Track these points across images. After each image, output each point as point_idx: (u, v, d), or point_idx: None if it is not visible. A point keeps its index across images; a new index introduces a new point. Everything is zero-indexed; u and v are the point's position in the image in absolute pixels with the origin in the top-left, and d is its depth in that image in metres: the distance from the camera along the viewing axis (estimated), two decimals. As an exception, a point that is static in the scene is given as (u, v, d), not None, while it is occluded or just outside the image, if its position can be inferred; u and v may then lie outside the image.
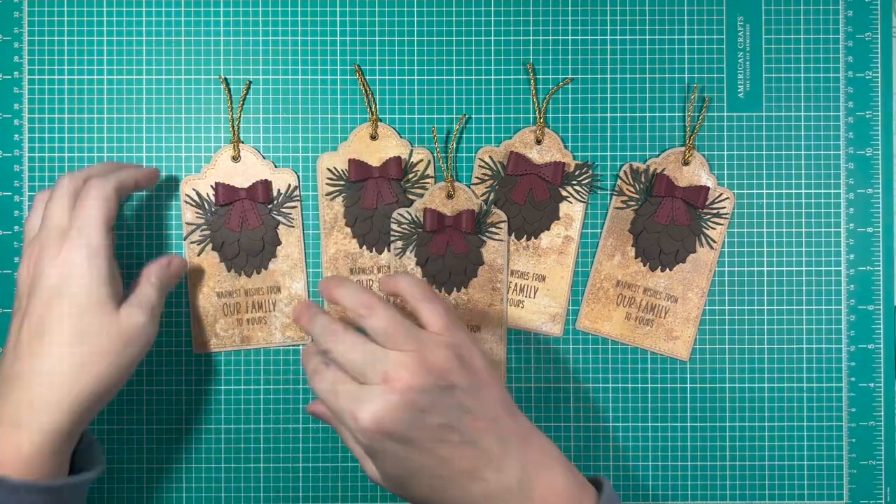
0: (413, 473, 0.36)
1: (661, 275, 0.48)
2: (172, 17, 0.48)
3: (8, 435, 0.37)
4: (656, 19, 0.48)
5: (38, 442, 0.37)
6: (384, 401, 0.34)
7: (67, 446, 0.38)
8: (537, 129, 0.48)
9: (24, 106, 0.48)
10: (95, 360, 0.38)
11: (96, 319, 0.38)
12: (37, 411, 0.37)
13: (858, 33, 0.48)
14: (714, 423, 0.48)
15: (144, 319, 0.40)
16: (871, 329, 0.48)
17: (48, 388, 0.37)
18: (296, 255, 0.47)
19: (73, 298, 0.38)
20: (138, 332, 0.40)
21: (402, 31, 0.48)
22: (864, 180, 0.48)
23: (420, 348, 0.36)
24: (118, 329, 0.39)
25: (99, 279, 0.39)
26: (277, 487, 0.48)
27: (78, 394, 0.38)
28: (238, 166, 0.47)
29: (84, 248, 0.39)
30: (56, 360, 0.38)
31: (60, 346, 0.38)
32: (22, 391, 0.37)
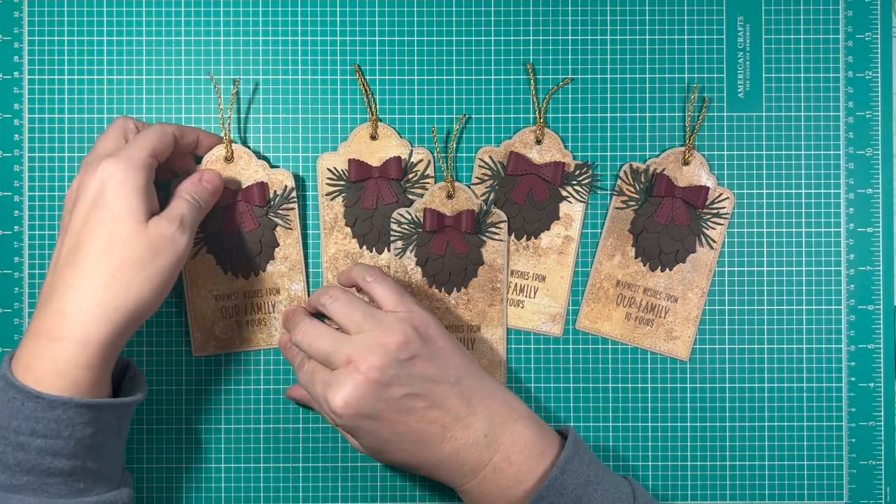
0: (388, 442, 0.39)
1: (661, 275, 0.48)
2: (172, 17, 0.48)
3: (44, 347, 0.37)
4: (656, 19, 0.48)
5: (73, 353, 0.36)
6: (352, 382, 0.38)
7: (103, 361, 0.38)
8: (537, 129, 0.48)
9: (24, 106, 0.48)
10: (126, 269, 0.38)
11: (126, 227, 0.38)
12: (70, 321, 0.37)
13: (858, 33, 0.48)
14: (714, 423, 0.48)
15: (173, 230, 0.39)
16: (871, 329, 0.48)
17: (81, 297, 0.37)
18: (294, 257, 0.47)
19: (105, 209, 0.38)
20: (167, 242, 0.39)
21: (402, 31, 0.48)
22: (864, 180, 0.48)
23: (377, 326, 0.39)
24: (147, 238, 0.38)
25: (132, 190, 0.38)
26: (277, 487, 0.48)
27: (109, 303, 0.37)
28: (231, 167, 0.46)
29: (123, 161, 0.39)
30: (88, 269, 0.37)
31: (92, 257, 0.38)
32: (57, 302, 0.37)
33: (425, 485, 0.48)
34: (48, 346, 0.37)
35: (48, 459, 0.36)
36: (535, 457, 0.40)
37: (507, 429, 0.40)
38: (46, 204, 0.48)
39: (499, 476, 0.39)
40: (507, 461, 0.39)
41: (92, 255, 0.38)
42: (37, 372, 0.36)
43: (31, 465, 0.36)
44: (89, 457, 0.37)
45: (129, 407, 0.40)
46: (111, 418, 0.38)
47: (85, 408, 0.36)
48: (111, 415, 0.38)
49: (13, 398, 0.36)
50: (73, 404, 0.36)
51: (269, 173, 0.47)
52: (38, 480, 0.36)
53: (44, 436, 0.36)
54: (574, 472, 0.39)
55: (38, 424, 0.36)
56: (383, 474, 0.48)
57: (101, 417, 0.37)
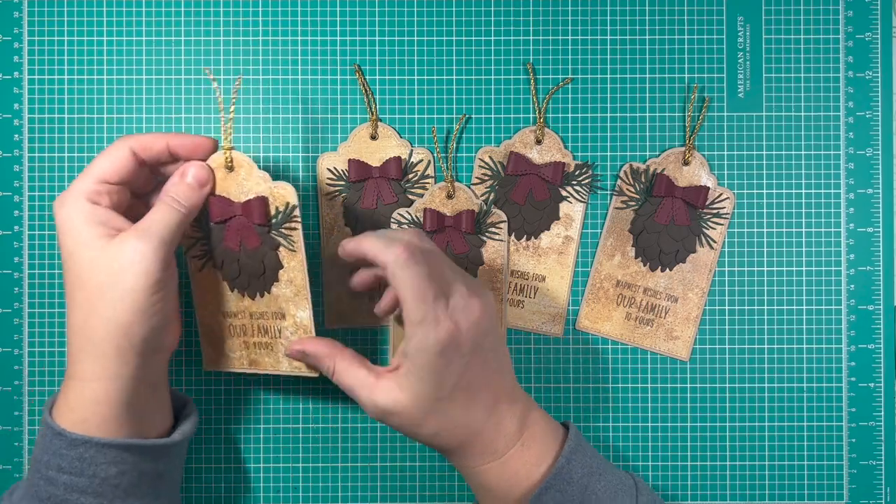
0: (452, 388, 0.38)
1: (661, 275, 0.48)
2: (172, 17, 0.48)
3: (64, 385, 0.37)
4: (656, 19, 0.48)
5: (79, 389, 0.37)
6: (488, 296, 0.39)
7: (137, 397, 0.37)
8: (537, 129, 0.48)
9: (23, 106, 0.48)
10: (94, 300, 0.36)
11: (80, 258, 0.36)
12: (71, 360, 0.37)
13: (858, 33, 0.48)
14: (714, 423, 0.48)
15: (137, 245, 0.36)
16: (872, 329, 0.48)
17: (72, 335, 0.37)
18: (299, 281, 0.43)
19: (63, 247, 0.37)
20: (130, 259, 0.36)
21: (402, 31, 0.48)
22: (864, 180, 0.48)
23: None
24: (106, 261, 0.36)
25: (76, 220, 0.37)
26: (278, 488, 0.48)
27: (93, 338, 0.36)
28: (231, 177, 0.42)
29: (66, 194, 0.38)
30: (70, 308, 0.37)
31: (70, 296, 0.37)
32: (70, 345, 0.37)
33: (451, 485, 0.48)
34: (66, 385, 0.38)
35: (74, 496, 0.36)
36: (550, 442, 0.40)
37: (532, 410, 0.41)
38: (46, 204, 0.48)
39: (525, 454, 0.39)
40: (532, 439, 0.40)
41: (70, 295, 0.37)
42: (61, 409, 0.37)
43: (59, 500, 0.36)
44: (117, 496, 0.37)
45: (161, 449, 0.38)
46: (139, 459, 0.37)
47: (106, 447, 0.36)
48: (138, 456, 0.37)
49: (44, 433, 0.37)
50: (93, 443, 0.36)
51: (270, 186, 0.42)
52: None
53: (69, 472, 0.36)
54: (579, 461, 0.40)
55: (63, 461, 0.36)
56: (425, 475, 0.48)
57: (125, 457, 0.37)
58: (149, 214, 0.38)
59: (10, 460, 0.48)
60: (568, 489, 0.39)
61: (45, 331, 0.48)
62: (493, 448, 0.39)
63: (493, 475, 0.40)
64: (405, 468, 0.48)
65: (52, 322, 0.48)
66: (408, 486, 0.48)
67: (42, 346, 0.48)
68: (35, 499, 0.36)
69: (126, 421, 0.37)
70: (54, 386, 0.48)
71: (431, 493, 0.48)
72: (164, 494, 0.40)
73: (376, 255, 0.37)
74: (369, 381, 0.38)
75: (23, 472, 0.48)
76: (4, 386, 0.48)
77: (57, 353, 0.48)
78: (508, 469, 0.39)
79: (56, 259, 0.48)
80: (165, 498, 0.40)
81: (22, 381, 0.48)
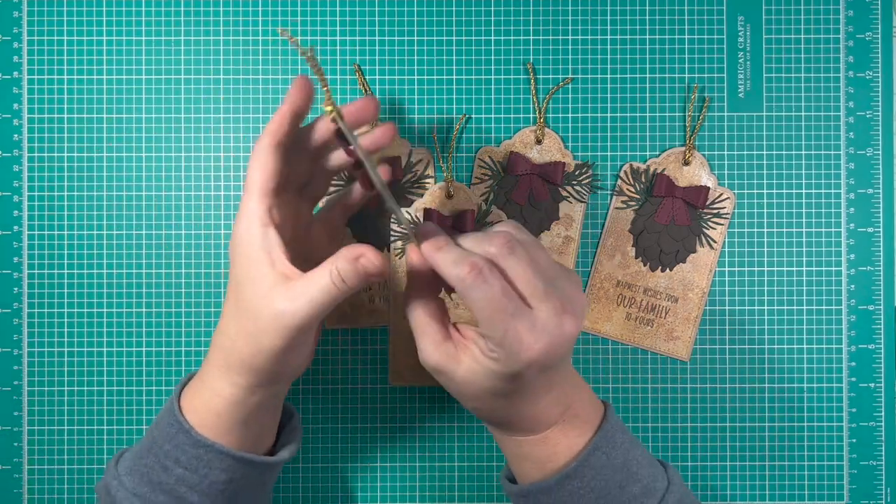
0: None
1: (662, 275, 0.48)
2: (172, 17, 0.48)
3: (209, 398, 0.38)
4: (656, 19, 0.48)
5: (227, 410, 0.37)
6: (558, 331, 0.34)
7: (256, 419, 0.38)
8: (537, 129, 0.48)
9: (23, 106, 0.48)
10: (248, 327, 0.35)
11: (249, 289, 0.35)
12: (221, 377, 0.37)
13: (859, 33, 0.48)
14: (714, 424, 0.48)
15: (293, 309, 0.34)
16: (872, 329, 0.48)
17: (223, 350, 0.37)
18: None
19: (235, 269, 0.36)
20: (280, 320, 0.35)
21: (402, 31, 0.48)
22: (864, 180, 0.48)
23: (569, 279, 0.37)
24: (264, 303, 0.35)
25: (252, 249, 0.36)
26: (275, 488, 0.48)
27: (230, 365, 0.37)
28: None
29: (243, 215, 0.36)
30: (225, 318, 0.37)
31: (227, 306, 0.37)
32: (213, 350, 0.38)
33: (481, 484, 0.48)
34: (197, 386, 0.38)
35: (183, 489, 0.37)
36: (592, 418, 0.39)
37: (577, 391, 0.39)
38: (46, 204, 0.48)
39: (567, 430, 0.38)
40: (575, 416, 0.39)
41: (226, 309, 0.37)
42: (188, 406, 0.38)
43: (168, 489, 0.37)
44: (219, 499, 0.38)
45: (270, 465, 0.39)
46: (249, 471, 0.39)
47: (224, 455, 0.37)
48: (249, 468, 0.38)
49: (171, 423, 0.38)
50: (215, 449, 0.37)
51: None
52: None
53: (184, 467, 0.37)
54: (620, 429, 0.40)
55: (183, 456, 0.37)
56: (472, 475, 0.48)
57: (237, 468, 0.38)
58: (314, 279, 0.35)
59: (10, 460, 0.48)
60: (612, 452, 0.38)
61: (44, 331, 0.48)
62: (534, 427, 0.38)
63: (533, 446, 0.39)
64: (405, 468, 0.48)
65: (51, 322, 0.48)
66: (407, 486, 0.48)
67: (42, 346, 0.48)
68: (145, 479, 0.38)
69: (240, 436, 0.38)
70: (54, 386, 0.48)
71: (432, 493, 0.48)
72: (260, 500, 0.41)
73: (442, 272, 0.35)
74: (433, 335, 0.36)
75: (22, 472, 0.48)
76: (4, 386, 0.48)
77: (56, 353, 0.48)
78: (549, 442, 0.39)
79: (55, 259, 0.48)
80: (261, 503, 0.42)
81: (21, 381, 0.48)
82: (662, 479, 0.40)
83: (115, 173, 0.48)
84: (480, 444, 0.48)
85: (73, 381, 0.48)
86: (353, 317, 0.48)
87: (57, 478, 0.48)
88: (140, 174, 0.48)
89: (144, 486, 0.38)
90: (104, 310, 0.48)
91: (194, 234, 0.48)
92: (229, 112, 0.48)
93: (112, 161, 0.48)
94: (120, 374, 0.48)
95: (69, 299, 0.48)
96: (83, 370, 0.48)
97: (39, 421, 0.48)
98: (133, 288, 0.48)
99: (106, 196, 0.48)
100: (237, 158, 0.48)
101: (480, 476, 0.48)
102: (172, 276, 0.48)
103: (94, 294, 0.48)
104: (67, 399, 0.48)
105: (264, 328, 0.35)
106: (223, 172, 0.48)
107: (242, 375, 0.37)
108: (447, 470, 0.48)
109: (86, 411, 0.48)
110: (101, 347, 0.48)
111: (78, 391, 0.48)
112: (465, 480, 0.48)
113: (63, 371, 0.48)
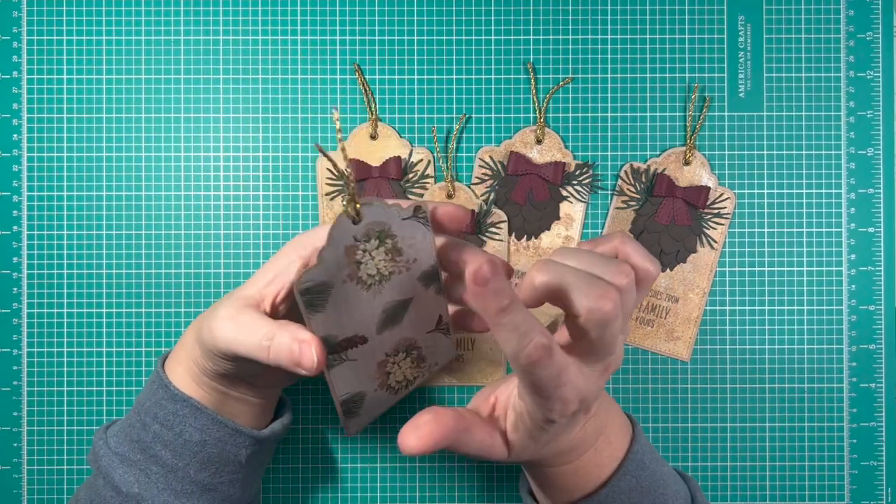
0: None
1: (662, 275, 0.48)
2: (172, 16, 0.48)
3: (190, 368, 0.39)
4: (657, 19, 0.48)
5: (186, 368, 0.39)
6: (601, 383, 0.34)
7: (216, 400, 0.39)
8: (537, 129, 0.48)
9: (22, 106, 0.48)
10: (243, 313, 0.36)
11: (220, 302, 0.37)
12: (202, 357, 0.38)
13: (860, 33, 0.48)
14: (715, 424, 0.48)
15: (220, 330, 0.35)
16: (872, 329, 0.48)
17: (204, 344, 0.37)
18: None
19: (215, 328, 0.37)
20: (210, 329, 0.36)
21: (402, 31, 0.48)
22: (865, 180, 0.48)
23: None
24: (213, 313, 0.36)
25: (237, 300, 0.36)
26: (275, 488, 0.48)
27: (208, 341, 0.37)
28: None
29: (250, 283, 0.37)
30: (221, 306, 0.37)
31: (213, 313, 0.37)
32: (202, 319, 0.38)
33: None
34: (180, 352, 0.39)
35: (158, 447, 0.38)
36: (622, 440, 0.39)
37: (609, 412, 0.39)
38: (45, 204, 0.48)
39: (599, 456, 0.38)
40: (607, 442, 0.38)
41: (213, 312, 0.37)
42: (171, 368, 0.39)
43: (145, 446, 0.38)
44: (192, 463, 0.38)
45: (247, 437, 0.39)
46: (224, 437, 0.39)
47: (199, 412, 0.38)
48: (224, 434, 0.39)
49: (153, 381, 0.39)
50: (190, 404, 0.38)
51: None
52: (146, 464, 0.38)
53: (161, 423, 0.38)
54: (648, 449, 0.39)
55: (161, 411, 0.38)
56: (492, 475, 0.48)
57: (212, 430, 0.38)
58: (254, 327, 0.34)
59: (10, 460, 0.48)
60: (642, 475, 0.38)
61: (43, 331, 0.48)
62: (568, 458, 0.37)
63: (564, 478, 0.38)
64: (405, 468, 0.48)
65: (50, 322, 0.48)
66: (407, 486, 0.48)
67: (41, 346, 0.48)
68: (127, 438, 0.39)
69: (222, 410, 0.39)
70: (53, 386, 0.48)
71: (432, 494, 0.48)
72: (238, 483, 0.40)
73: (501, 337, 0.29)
74: (487, 444, 0.35)
75: (22, 472, 0.48)
76: (3, 386, 0.48)
77: (56, 353, 0.48)
78: (580, 471, 0.38)
79: (55, 259, 0.48)
80: (240, 489, 0.41)
81: (21, 381, 0.48)
82: (686, 495, 0.40)
83: (114, 173, 0.48)
84: (480, 445, 0.48)
85: (73, 381, 0.48)
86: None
87: (56, 478, 0.48)
88: (139, 174, 0.48)
89: (125, 444, 0.38)
90: (103, 310, 0.48)
91: (193, 234, 0.48)
92: (229, 112, 0.48)
93: (111, 161, 0.48)
94: (119, 374, 0.48)
95: (68, 299, 0.48)
96: (82, 370, 0.48)
97: (39, 421, 0.48)
98: (132, 288, 0.48)
99: (105, 196, 0.48)
100: (236, 158, 0.48)
101: (481, 476, 0.48)
102: (172, 276, 0.48)
103: (94, 294, 0.48)
104: (67, 399, 0.48)
105: (205, 326, 0.36)
106: (222, 172, 0.48)
107: (196, 361, 0.38)
108: (447, 470, 0.48)
109: (85, 411, 0.48)
110: (101, 347, 0.48)
111: (77, 391, 0.48)
112: (465, 480, 0.48)
113: (62, 371, 0.48)
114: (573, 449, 0.37)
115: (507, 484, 0.48)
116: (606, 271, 0.32)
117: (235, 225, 0.48)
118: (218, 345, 0.35)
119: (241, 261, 0.48)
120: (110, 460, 0.38)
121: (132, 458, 0.38)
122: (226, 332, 0.35)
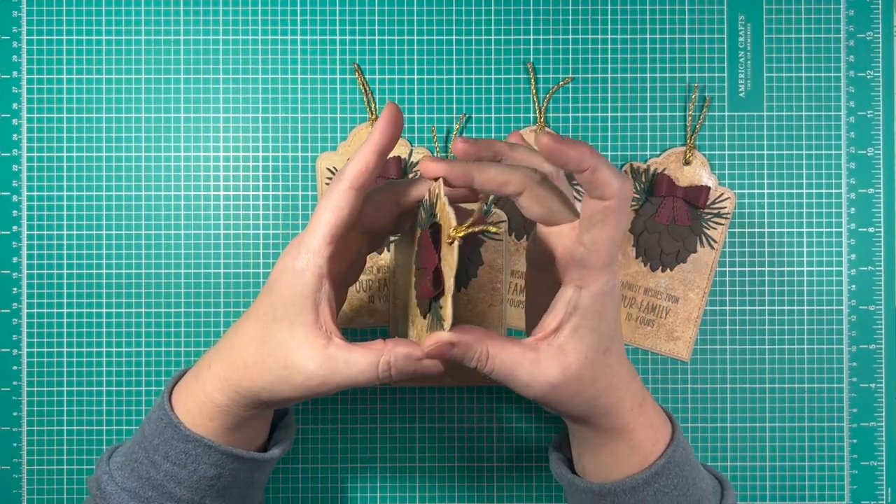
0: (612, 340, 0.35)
1: (662, 275, 0.48)
2: (171, 16, 0.48)
3: (202, 401, 0.37)
4: (657, 19, 0.48)
5: (220, 416, 0.37)
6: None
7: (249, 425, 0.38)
8: (537, 129, 0.48)
9: (22, 105, 0.48)
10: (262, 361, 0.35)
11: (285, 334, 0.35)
12: (219, 389, 0.37)
13: (860, 32, 0.48)
14: (715, 424, 0.48)
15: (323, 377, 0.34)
16: (873, 329, 0.48)
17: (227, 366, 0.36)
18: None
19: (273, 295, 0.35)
20: (308, 379, 0.34)
21: (402, 31, 0.48)
22: (865, 180, 0.48)
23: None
24: (292, 355, 0.34)
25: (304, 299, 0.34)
26: (275, 488, 0.48)
27: (243, 388, 0.36)
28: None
29: (301, 252, 0.35)
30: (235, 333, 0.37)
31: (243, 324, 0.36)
32: (214, 356, 0.37)
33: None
34: (191, 384, 0.38)
35: (171, 485, 0.37)
36: (663, 421, 0.39)
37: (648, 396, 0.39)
38: (45, 204, 0.48)
39: (652, 414, 0.38)
40: (654, 411, 0.38)
41: (244, 324, 0.36)
42: (180, 403, 0.38)
43: (157, 484, 0.37)
44: (208, 495, 0.38)
45: (258, 461, 0.39)
46: (239, 467, 0.38)
47: (212, 450, 0.37)
48: (239, 464, 0.38)
49: (161, 418, 0.38)
50: (203, 444, 0.37)
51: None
52: (161, 500, 0.37)
53: (173, 462, 0.37)
54: (684, 441, 0.39)
55: (171, 451, 0.37)
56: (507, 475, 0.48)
57: (226, 463, 0.38)
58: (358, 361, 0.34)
59: (10, 460, 0.48)
60: (687, 448, 0.39)
61: (43, 331, 0.48)
62: (626, 419, 0.37)
63: (618, 452, 0.37)
64: (405, 468, 0.48)
65: (50, 322, 0.48)
66: (407, 486, 0.48)
67: (41, 346, 0.48)
68: (135, 474, 0.38)
69: (231, 440, 0.38)
70: (52, 386, 0.48)
71: (432, 493, 0.48)
72: (250, 497, 0.41)
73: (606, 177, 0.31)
74: (529, 357, 0.34)
75: (22, 472, 0.48)
76: (3, 386, 0.48)
77: (55, 353, 0.48)
78: (635, 441, 0.37)
79: (54, 259, 0.48)
80: (251, 500, 0.41)
81: (21, 381, 0.48)
82: (711, 475, 0.41)
83: (114, 173, 0.48)
84: (480, 445, 0.48)
85: (73, 381, 0.48)
86: (352, 317, 0.48)
87: (56, 478, 0.48)
88: (139, 174, 0.48)
89: (134, 480, 0.38)
90: (103, 310, 0.48)
91: (193, 234, 0.48)
92: (228, 112, 0.48)
93: (111, 161, 0.48)
94: (119, 374, 0.48)
95: (68, 299, 0.48)
96: (82, 370, 0.48)
97: (38, 421, 0.48)
98: (132, 288, 0.48)
99: (105, 196, 0.48)
100: (236, 158, 0.48)
101: (480, 476, 0.48)
102: (171, 277, 0.48)
103: (93, 294, 0.48)
104: (66, 399, 0.48)
105: (285, 377, 0.34)
106: (222, 172, 0.48)
107: (242, 395, 0.36)
108: (447, 470, 0.48)
109: (85, 411, 0.48)
110: (100, 347, 0.48)
111: (77, 391, 0.48)
112: (465, 480, 0.48)
113: (62, 371, 0.48)
114: (619, 403, 0.36)
115: (507, 484, 0.48)
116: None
117: (235, 225, 0.48)
118: (322, 389, 0.34)
119: (241, 261, 0.48)
120: (120, 497, 0.37)
121: (144, 495, 0.37)
122: (329, 376, 0.34)
